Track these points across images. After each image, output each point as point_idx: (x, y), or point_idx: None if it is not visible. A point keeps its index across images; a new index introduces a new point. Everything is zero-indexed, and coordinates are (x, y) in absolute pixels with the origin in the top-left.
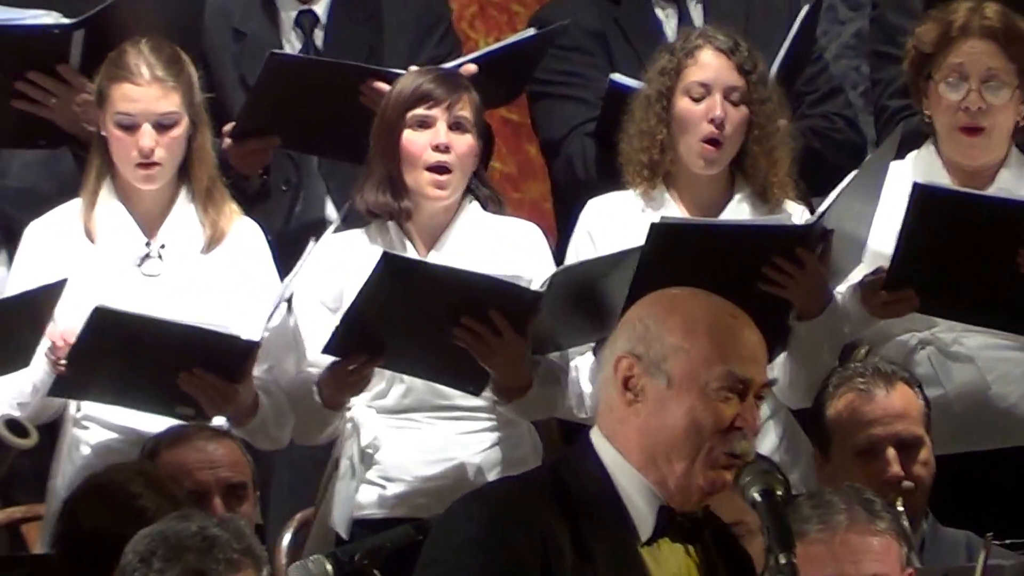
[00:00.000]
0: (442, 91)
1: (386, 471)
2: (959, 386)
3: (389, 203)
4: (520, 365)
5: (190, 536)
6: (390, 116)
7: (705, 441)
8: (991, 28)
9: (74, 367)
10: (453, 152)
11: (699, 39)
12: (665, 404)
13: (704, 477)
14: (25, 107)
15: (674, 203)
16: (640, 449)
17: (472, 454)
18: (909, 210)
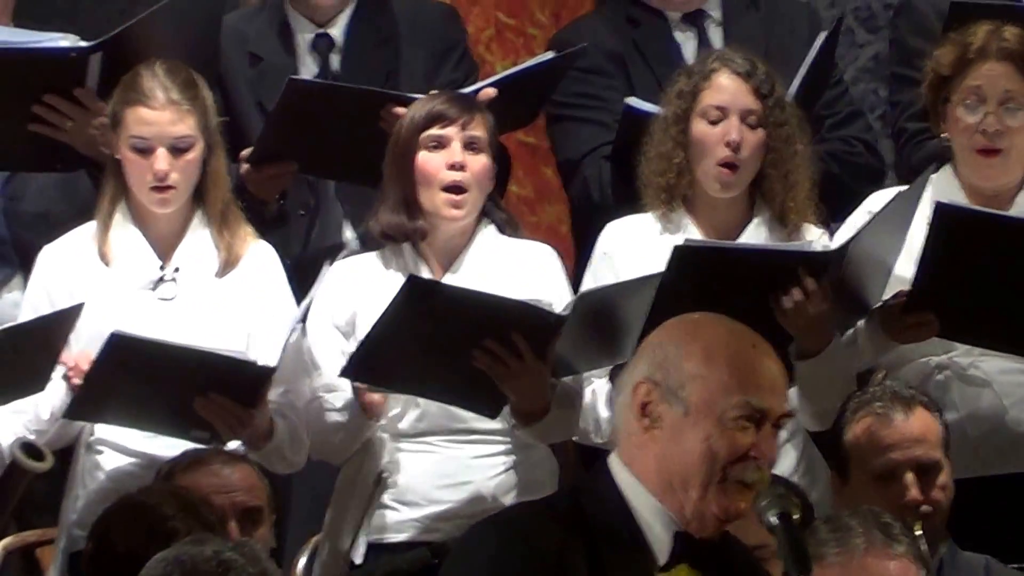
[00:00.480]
0: (455, 111)
1: (401, 495)
2: (976, 410)
3: (404, 224)
4: (540, 389)
5: (205, 561)
6: (405, 138)
7: (719, 469)
8: (1009, 51)
9: (90, 390)
10: (468, 171)
11: (716, 62)
12: (682, 431)
13: (718, 505)
14: (42, 130)
15: (693, 226)
16: (657, 475)
17: (488, 478)
18: (931, 231)
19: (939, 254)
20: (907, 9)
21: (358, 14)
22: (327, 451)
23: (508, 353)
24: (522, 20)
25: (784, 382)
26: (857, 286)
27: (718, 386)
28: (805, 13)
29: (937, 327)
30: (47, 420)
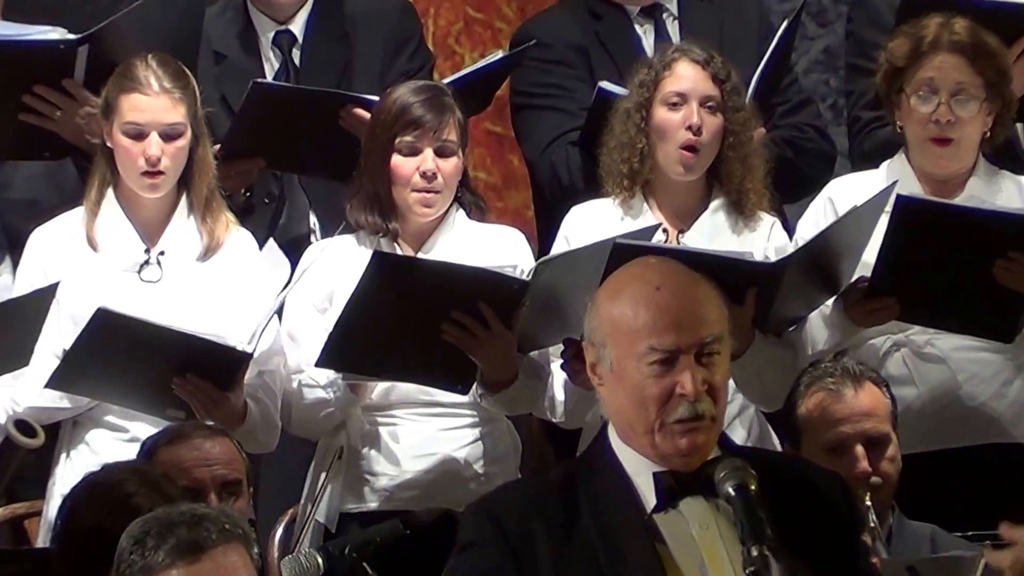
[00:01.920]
0: (429, 117)
1: (371, 466)
2: (932, 386)
3: (378, 223)
4: (508, 356)
5: (180, 514)
6: (380, 137)
7: (653, 414)
8: (960, 43)
9: (72, 362)
10: (440, 176)
11: (676, 52)
12: (615, 385)
13: (670, 445)
14: (32, 120)
15: (651, 211)
16: (619, 427)
17: (455, 449)
18: (891, 221)
19: (899, 242)
20: (862, 3)
21: (316, 10)
22: (311, 428)
23: (476, 323)
24: (490, 14)
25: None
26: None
27: (625, 338)
28: (756, 8)
29: (897, 311)
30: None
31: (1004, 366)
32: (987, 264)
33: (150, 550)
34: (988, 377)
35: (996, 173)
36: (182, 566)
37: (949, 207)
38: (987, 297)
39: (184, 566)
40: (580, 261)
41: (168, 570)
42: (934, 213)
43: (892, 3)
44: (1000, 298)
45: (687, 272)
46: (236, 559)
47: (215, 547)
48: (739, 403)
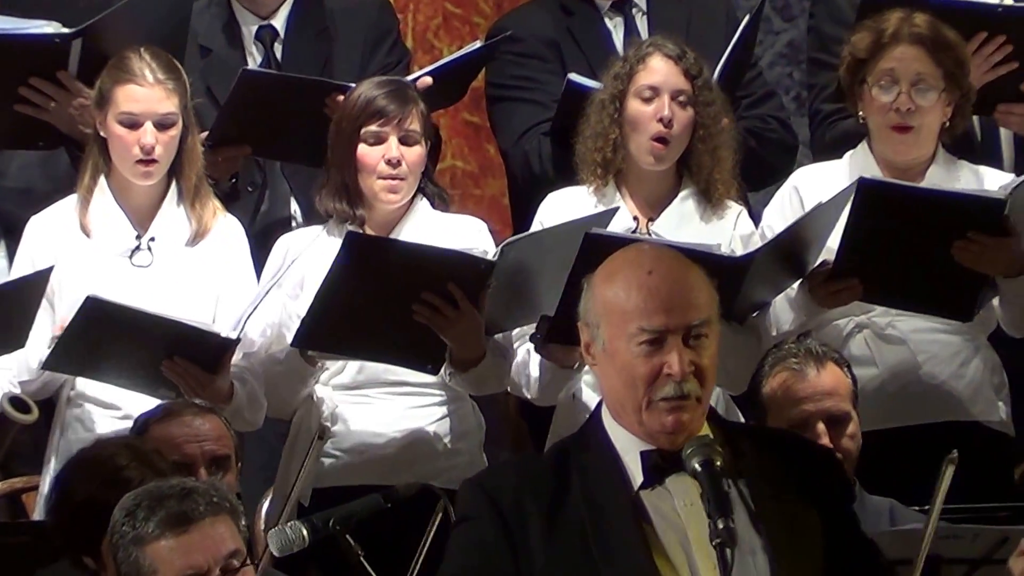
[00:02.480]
0: (393, 107)
1: (342, 443)
2: (892, 366)
3: (346, 210)
4: (476, 335)
5: (170, 487)
6: (345, 129)
7: (641, 392)
8: (920, 35)
9: (66, 346)
10: (404, 163)
11: (649, 47)
12: (607, 364)
13: (656, 422)
14: (27, 111)
15: (623, 199)
16: (610, 405)
17: (423, 425)
18: (853, 204)
19: (861, 225)
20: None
21: (297, 6)
22: (274, 403)
23: (445, 303)
24: (467, 9)
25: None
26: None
27: (617, 319)
28: (722, 3)
29: (860, 291)
30: (35, 369)
31: (962, 347)
32: (946, 245)
33: (141, 521)
34: (947, 357)
35: (955, 162)
36: (171, 537)
37: (909, 189)
38: (947, 277)
39: (173, 537)
40: (544, 243)
41: (158, 540)
42: (895, 195)
43: (853, 0)
44: (959, 278)
45: (679, 258)
46: (223, 530)
47: (203, 519)
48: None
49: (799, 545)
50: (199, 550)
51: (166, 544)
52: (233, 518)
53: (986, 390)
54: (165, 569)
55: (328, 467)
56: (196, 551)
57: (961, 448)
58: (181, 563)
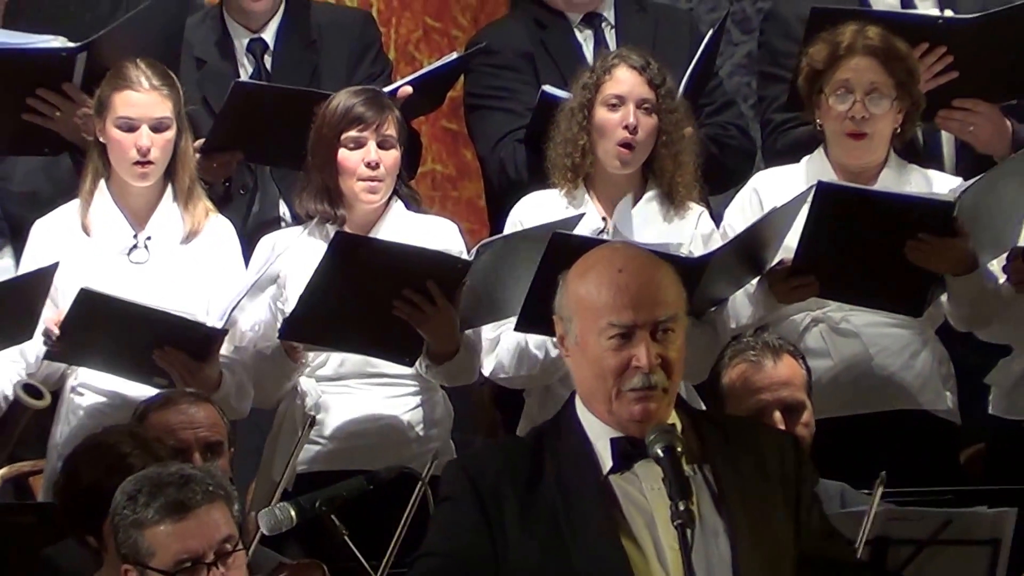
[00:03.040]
0: (371, 114)
1: (324, 430)
2: (846, 358)
3: (327, 211)
4: (451, 330)
5: (169, 475)
6: (326, 135)
7: (611, 383)
8: (873, 47)
9: (64, 337)
10: (382, 166)
11: (615, 58)
12: (579, 356)
13: (625, 411)
14: (34, 119)
15: (592, 201)
16: (582, 395)
17: (399, 414)
18: (812, 206)
19: (819, 225)
20: (773, 16)
21: (286, 20)
22: (260, 395)
23: (424, 299)
24: (446, 23)
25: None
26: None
27: (589, 314)
28: (686, 17)
29: (817, 288)
30: (34, 363)
31: (912, 340)
32: (899, 245)
33: (141, 507)
34: (897, 350)
35: (905, 166)
36: (170, 523)
37: (865, 192)
38: (899, 275)
39: (171, 523)
40: (516, 244)
41: (157, 525)
42: (851, 198)
43: (801, 16)
44: (910, 276)
45: (649, 257)
46: (218, 516)
47: (200, 506)
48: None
49: (761, 527)
50: (195, 536)
51: (164, 529)
52: (228, 504)
53: (934, 381)
54: (162, 552)
55: (311, 453)
56: (192, 536)
57: (909, 435)
58: (178, 547)
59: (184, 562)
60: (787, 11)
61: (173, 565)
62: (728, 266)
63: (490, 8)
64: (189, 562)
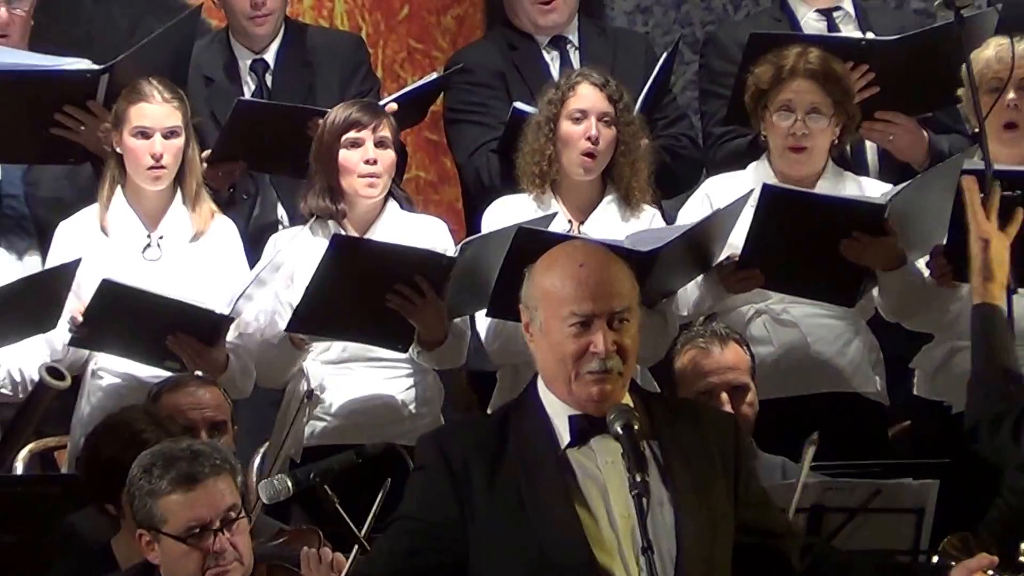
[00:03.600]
0: (368, 117)
1: (328, 408)
2: (786, 345)
3: (329, 207)
4: (439, 320)
5: (181, 450)
6: (327, 140)
7: (570, 366)
8: (813, 71)
9: (87, 325)
10: (379, 163)
11: (578, 77)
12: (542, 341)
13: (583, 392)
14: (62, 133)
15: (557, 204)
16: (544, 376)
17: (395, 394)
18: (758, 207)
19: (764, 225)
20: (714, 40)
21: (285, 42)
22: (268, 376)
23: (414, 293)
24: (428, 45)
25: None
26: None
27: (552, 304)
28: (642, 40)
29: (762, 280)
30: (60, 350)
31: (845, 329)
32: (835, 243)
33: (156, 478)
34: (832, 338)
35: (841, 174)
36: (180, 493)
37: (806, 195)
38: (835, 270)
39: (182, 493)
40: (495, 242)
41: (169, 495)
42: (793, 200)
43: (738, 41)
44: (845, 271)
45: (608, 254)
46: (224, 488)
47: (208, 478)
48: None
49: (702, 497)
50: (203, 505)
51: (176, 499)
52: (233, 476)
53: (865, 366)
54: (174, 520)
55: (317, 429)
56: (201, 505)
57: (843, 414)
58: (187, 515)
59: (193, 528)
60: (726, 36)
61: (184, 531)
62: (677, 259)
63: (467, 31)
64: (198, 528)
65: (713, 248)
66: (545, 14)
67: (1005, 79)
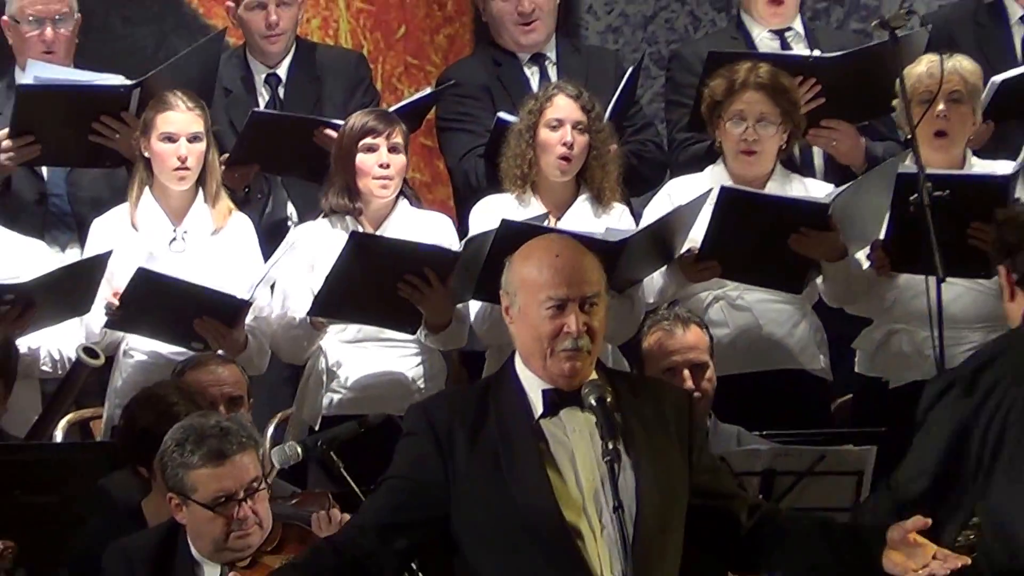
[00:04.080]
0: (382, 125)
1: (344, 383)
2: (741, 327)
3: (347, 204)
4: (445, 306)
5: (211, 427)
6: (347, 144)
7: (546, 344)
8: (763, 83)
9: (122, 310)
10: (392, 167)
11: (554, 89)
12: (520, 322)
13: (556, 368)
14: (99, 140)
15: (537, 203)
16: (521, 353)
17: (404, 371)
18: (716, 205)
19: (722, 221)
20: (678, 56)
21: (296, 59)
22: (291, 354)
23: (422, 282)
24: (423, 61)
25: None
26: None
27: (530, 288)
28: (612, 57)
29: (719, 270)
30: (97, 333)
31: (793, 313)
32: (784, 237)
33: (188, 452)
34: (782, 321)
35: (788, 175)
36: (211, 467)
37: (759, 195)
38: (784, 261)
39: (212, 467)
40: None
41: (200, 469)
42: (748, 200)
43: (701, 57)
44: (793, 261)
45: (579, 246)
46: (249, 462)
47: (235, 454)
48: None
49: (660, 462)
50: (230, 477)
51: (206, 472)
52: (256, 451)
53: (811, 346)
54: (203, 490)
55: (335, 401)
56: (228, 478)
57: (792, 389)
58: (216, 487)
59: (220, 498)
60: (689, 52)
61: (211, 500)
62: (643, 250)
63: (457, 49)
64: (224, 498)
65: (675, 241)
66: (526, 34)
67: (935, 92)
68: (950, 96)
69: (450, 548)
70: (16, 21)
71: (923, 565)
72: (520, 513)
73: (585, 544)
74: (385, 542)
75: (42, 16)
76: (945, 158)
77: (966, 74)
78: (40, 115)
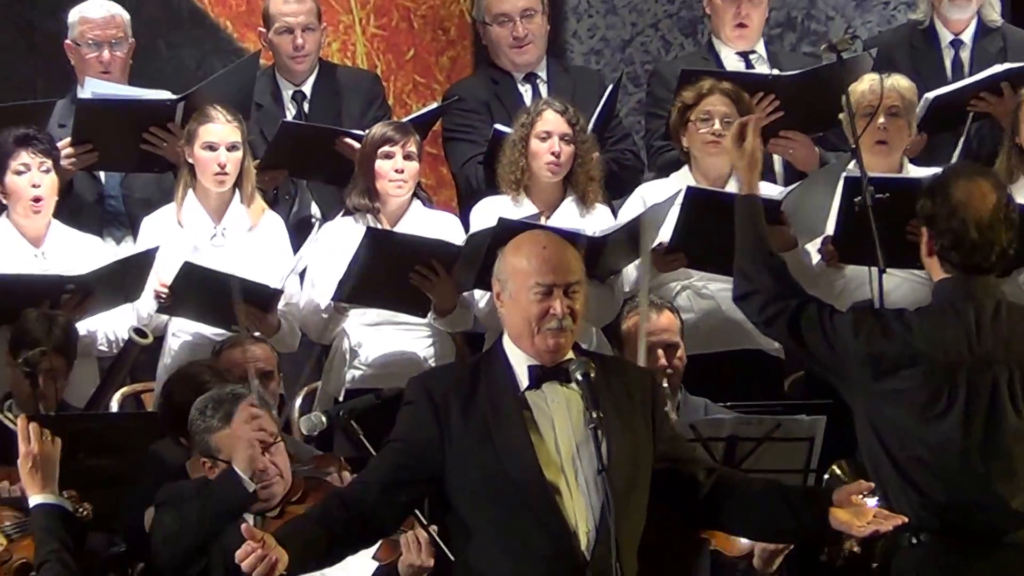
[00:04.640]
0: (399, 135)
1: (365, 360)
2: (706, 312)
3: (367, 204)
4: (450, 294)
5: (225, 394)
6: (368, 151)
7: (534, 324)
8: (727, 91)
9: (171, 296)
10: (406, 172)
11: (544, 104)
12: (511, 307)
13: (542, 344)
14: (149, 148)
15: (529, 204)
16: (510, 333)
17: (418, 350)
18: (683, 203)
19: (688, 218)
20: (656, 73)
21: (319, 78)
22: (317, 334)
23: (430, 272)
24: (429, 80)
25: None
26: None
27: (520, 277)
28: (596, 76)
29: (686, 262)
30: (146, 317)
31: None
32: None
33: (208, 417)
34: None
35: None
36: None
37: (720, 194)
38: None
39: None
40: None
41: (220, 431)
42: (710, 198)
43: (676, 74)
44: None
45: (562, 240)
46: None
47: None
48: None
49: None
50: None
51: (225, 433)
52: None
53: None
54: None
55: (357, 377)
56: None
57: (751, 366)
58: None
59: None
60: (665, 70)
61: None
62: (621, 244)
63: (459, 69)
64: None
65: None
66: (520, 56)
67: (876, 106)
68: (889, 110)
69: (445, 505)
70: (77, 44)
71: (866, 522)
72: (506, 471)
73: (563, 500)
74: (387, 496)
75: (100, 40)
76: (885, 164)
77: (903, 91)
78: (98, 126)
